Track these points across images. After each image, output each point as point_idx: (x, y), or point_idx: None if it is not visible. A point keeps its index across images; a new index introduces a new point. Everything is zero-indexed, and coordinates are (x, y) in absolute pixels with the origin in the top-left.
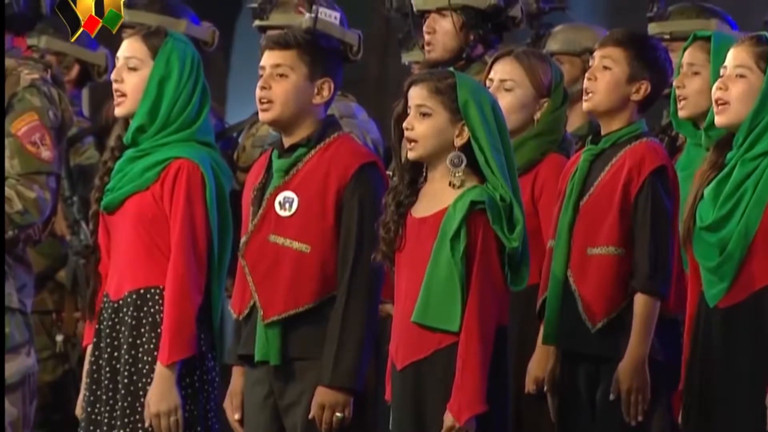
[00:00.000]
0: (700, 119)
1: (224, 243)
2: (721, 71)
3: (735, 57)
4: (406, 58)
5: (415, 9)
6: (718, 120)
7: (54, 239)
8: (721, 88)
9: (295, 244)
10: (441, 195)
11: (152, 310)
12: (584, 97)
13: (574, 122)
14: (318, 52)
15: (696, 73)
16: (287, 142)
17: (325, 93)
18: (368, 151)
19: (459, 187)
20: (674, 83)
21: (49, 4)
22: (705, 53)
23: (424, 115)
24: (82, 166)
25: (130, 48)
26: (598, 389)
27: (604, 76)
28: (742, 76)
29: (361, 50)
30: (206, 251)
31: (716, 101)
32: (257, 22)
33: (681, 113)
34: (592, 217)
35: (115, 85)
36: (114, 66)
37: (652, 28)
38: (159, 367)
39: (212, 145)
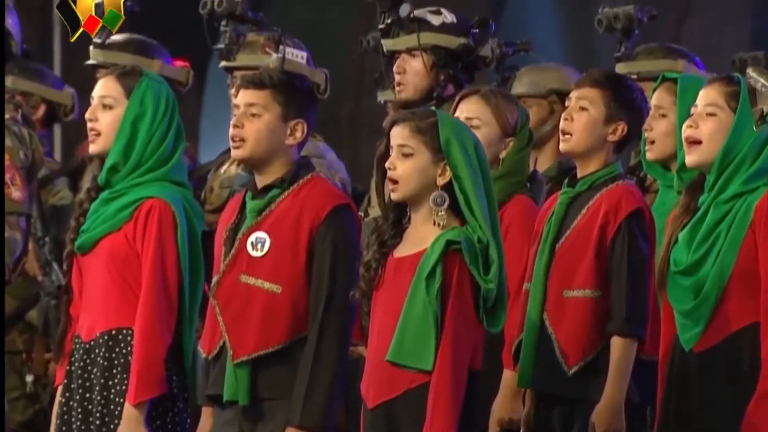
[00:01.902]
0: (669, 161)
1: (195, 283)
2: (692, 110)
3: (706, 96)
4: (382, 97)
5: (385, 49)
6: (689, 159)
7: (25, 280)
8: (691, 126)
9: (267, 285)
10: (423, 236)
11: (124, 351)
12: (561, 139)
13: (543, 163)
14: (292, 93)
15: (663, 116)
16: (260, 182)
17: (298, 134)
18: (341, 193)
19: (443, 227)
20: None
21: (20, 45)
22: (672, 95)
23: (406, 155)
24: (55, 206)
25: (104, 87)
26: (573, 431)
27: (581, 117)
28: (712, 114)
29: (329, 89)
30: (177, 291)
31: (686, 139)
32: (224, 63)
33: (648, 155)
34: (569, 259)
35: (89, 124)
36: (81, 106)
37: (620, 68)
38: (127, 407)
39: (185, 184)
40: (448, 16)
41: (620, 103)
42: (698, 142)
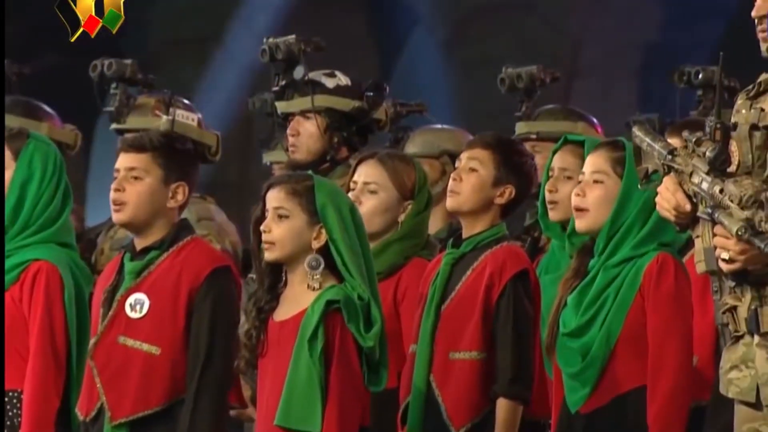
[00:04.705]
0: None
1: (83, 346)
2: (579, 177)
3: (592, 163)
4: (267, 159)
5: (279, 111)
6: (578, 225)
7: None
8: (579, 195)
9: (145, 346)
10: (300, 297)
11: (11, 413)
12: (448, 196)
13: (434, 225)
14: (173, 155)
15: (569, 178)
16: (140, 244)
17: (180, 197)
18: (221, 255)
19: (318, 290)
20: (546, 186)
21: None
22: (576, 158)
23: (282, 217)
24: None
25: None
26: None
27: (470, 178)
28: (598, 181)
29: (220, 151)
30: (65, 354)
31: (575, 208)
32: (114, 126)
33: (552, 215)
34: (455, 321)
35: None
36: None
37: (520, 128)
38: None
39: (72, 246)
40: (343, 79)
41: (510, 167)
42: (587, 210)
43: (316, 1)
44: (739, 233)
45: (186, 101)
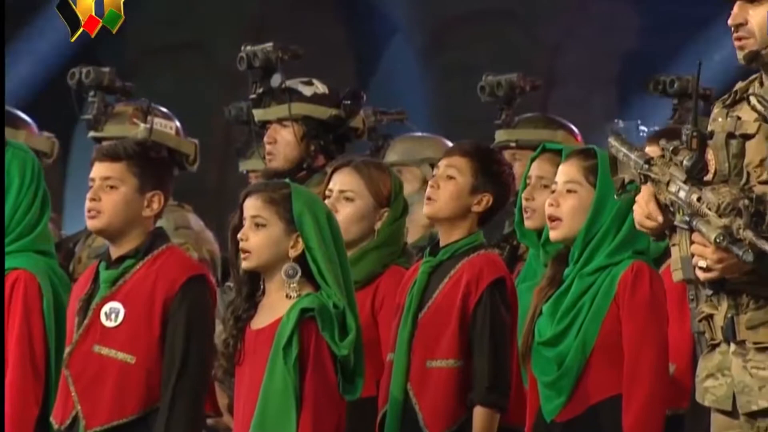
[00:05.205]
0: None
1: (62, 354)
2: (552, 186)
3: (564, 172)
4: (244, 167)
5: (256, 119)
6: (552, 235)
7: None
8: (552, 205)
9: (120, 355)
10: (277, 306)
11: None
12: (425, 203)
13: (414, 233)
14: (148, 164)
15: (545, 186)
16: (115, 253)
17: (155, 205)
18: (196, 264)
19: (295, 298)
20: (523, 194)
21: None
22: (554, 166)
23: (259, 225)
24: None
25: None
26: None
27: (448, 185)
28: (572, 191)
29: (198, 159)
30: (44, 363)
31: (549, 218)
32: (92, 134)
33: (528, 223)
34: (432, 329)
35: None
36: None
37: (500, 135)
38: None
39: (51, 254)
40: (320, 87)
41: (488, 175)
42: (560, 220)
43: (294, 8)
44: (717, 241)
45: (164, 109)
